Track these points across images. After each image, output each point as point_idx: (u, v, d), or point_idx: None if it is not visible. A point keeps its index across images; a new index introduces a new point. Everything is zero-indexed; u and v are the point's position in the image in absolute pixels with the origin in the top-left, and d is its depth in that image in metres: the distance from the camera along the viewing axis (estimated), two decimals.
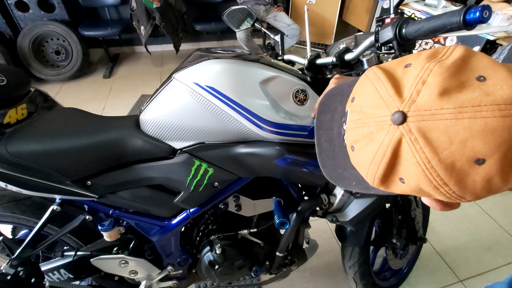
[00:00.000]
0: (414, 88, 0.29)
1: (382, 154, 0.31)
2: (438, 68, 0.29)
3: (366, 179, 0.35)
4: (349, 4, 3.58)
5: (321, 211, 0.88)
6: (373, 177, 0.33)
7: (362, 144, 0.33)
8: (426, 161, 0.28)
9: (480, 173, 0.27)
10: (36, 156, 0.65)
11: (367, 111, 0.33)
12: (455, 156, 0.27)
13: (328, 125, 0.46)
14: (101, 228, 0.76)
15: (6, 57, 2.63)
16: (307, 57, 0.72)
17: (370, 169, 0.33)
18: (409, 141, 0.28)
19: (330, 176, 0.44)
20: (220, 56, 0.64)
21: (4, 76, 0.70)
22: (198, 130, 0.65)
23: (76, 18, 3.03)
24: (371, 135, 0.32)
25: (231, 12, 0.97)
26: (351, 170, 0.40)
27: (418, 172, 0.29)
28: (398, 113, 0.29)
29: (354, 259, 1.04)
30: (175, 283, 0.96)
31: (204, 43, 3.96)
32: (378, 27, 0.56)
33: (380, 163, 0.31)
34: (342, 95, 0.45)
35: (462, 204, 1.73)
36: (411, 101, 0.29)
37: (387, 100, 0.31)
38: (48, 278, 0.87)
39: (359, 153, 0.35)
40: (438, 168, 0.27)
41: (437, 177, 0.28)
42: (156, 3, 2.61)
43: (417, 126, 0.28)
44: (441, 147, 0.27)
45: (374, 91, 0.33)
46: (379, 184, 0.33)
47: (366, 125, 0.33)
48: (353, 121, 0.35)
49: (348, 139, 0.37)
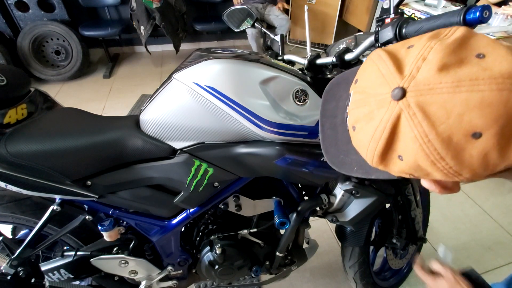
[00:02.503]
0: (415, 65, 0.30)
1: (382, 131, 0.31)
2: (438, 45, 0.29)
3: (366, 158, 0.36)
4: (349, 4, 3.58)
5: (321, 211, 0.88)
6: (372, 155, 0.34)
7: (363, 123, 0.34)
8: (424, 135, 0.28)
9: (477, 148, 0.27)
10: (36, 156, 0.65)
11: (369, 91, 0.34)
12: (452, 129, 0.27)
13: (332, 112, 0.47)
14: (101, 228, 0.76)
15: (6, 57, 2.62)
16: (307, 57, 0.72)
17: (370, 146, 0.33)
18: (408, 116, 0.29)
19: (333, 162, 0.45)
20: (220, 56, 0.64)
21: (4, 76, 0.70)
22: (198, 130, 0.65)
23: (76, 18, 3.03)
24: (372, 113, 0.33)
25: (231, 12, 0.97)
26: (353, 156, 0.41)
27: (415, 147, 0.29)
28: (398, 89, 0.30)
29: (354, 259, 1.04)
30: (175, 283, 0.96)
31: (204, 43, 3.96)
32: (378, 27, 0.56)
33: (379, 139, 0.32)
34: (347, 82, 0.46)
35: (462, 204, 1.73)
36: (411, 77, 0.30)
37: (388, 78, 0.32)
38: (48, 278, 0.87)
39: (360, 132, 0.35)
40: (435, 142, 0.28)
41: (434, 151, 0.28)
42: (156, 3, 2.61)
43: (415, 101, 0.29)
44: (439, 121, 0.27)
45: (376, 70, 0.34)
46: (378, 162, 0.34)
47: (367, 104, 0.34)
48: (355, 102, 0.36)
49: (350, 120, 0.38)
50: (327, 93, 0.50)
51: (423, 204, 1.19)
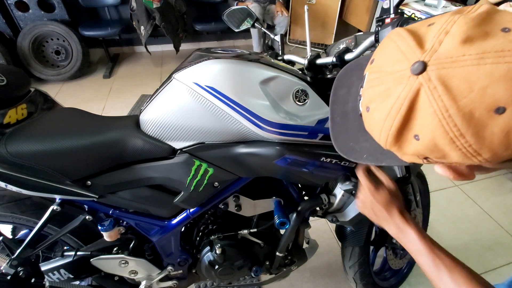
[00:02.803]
0: (437, 39, 0.29)
1: (398, 107, 0.30)
2: (462, 19, 0.28)
3: (379, 140, 0.34)
4: (349, 4, 3.58)
5: (321, 211, 0.88)
6: (386, 135, 0.32)
7: (378, 102, 0.33)
8: (444, 110, 0.27)
9: (499, 124, 0.26)
10: (36, 156, 0.65)
11: (386, 69, 0.33)
12: (474, 104, 0.26)
13: (343, 99, 0.46)
14: (101, 228, 0.76)
15: (6, 57, 2.62)
16: (307, 57, 0.72)
17: (385, 125, 0.32)
18: (428, 90, 0.28)
19: (341, 149, 0.44)
20: (220, 56, 0.64)
21: (4, 76, 0.70)
22: (198, 130, 0.65)
23: (76, 18, 3.03)
24: (388, 91, 0.31)
25: (231, 12, 0.97)
26: (363, 143, 0.41)
27: (434, 123, 0.28)
28: (418, 63, 0.28)
29: (354, 259, 1.04)
30: (175, 283, 0.96)
31: (204, 43, 3.96)
32: (378, 27, 0.56)
33: (395, 117, 0.30)
34: (360, 68, 0.44)
35: (462, 204, 1.73)
36: (433, 51, 0.28)
37: (408, 53, 0.30)
38: (48, 278, 0.87)
39: (374, 112, 0.34)
40: (455, 117, 0.27)
41: (454, 127, 0.27)
42: (156, 3, 2.61)
43: (437, 74, 0.27)
44: (461, 94, 0.26)
45: (395, 48, 0.32)
46: (392, 143, 0.32)
47: (383, 83, 0.32)
48: (370, 81, 0.35)
49: (363, 101, 0.36)
50: (338, 80, 0.49)
51: (423, 204, 1.19)
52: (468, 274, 0.48)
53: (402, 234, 0.55)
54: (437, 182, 1.90)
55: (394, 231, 0.56)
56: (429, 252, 0.51)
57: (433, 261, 0.50)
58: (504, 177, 1.97)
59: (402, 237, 0.55)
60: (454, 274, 0.48)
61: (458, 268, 0.49)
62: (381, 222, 0.58)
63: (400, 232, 0.55)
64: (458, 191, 1.84)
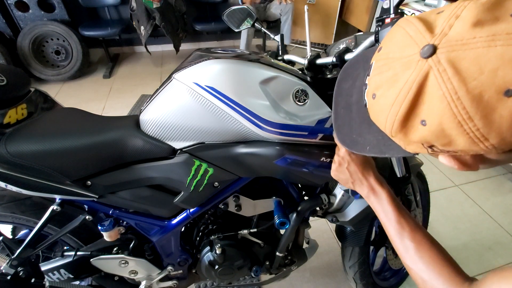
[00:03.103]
0: (447, 23, 0.29)
1: (406, 92, 0.30)
2: (472, 4, 0.28)
3: (385, 127, 0.34)
4: (349, 4, 3.58)
5: (321, 211, 0.88)
6: (392, 122, 0.32)
7: (385, 88, 0.33)
8: (453, 92, 0.27)
9: (509, 107, 0.26)
10: (36, 156, 0.65)
11: (394, 55, 0.32)
12: (483, 86, 0.26)
13: (348, 92, 0.46)
14: (101, 228, 0.76)
15: (6, 57, 2.62)
16: (307, 57, 0.72)
17: (391, 111, 0.32)
18: (437, 72, 0.28)
19: (344, 141, 0.44)
20: (220, 56, 0.64)
21: (4, 76, 0.70)
22: (198, 130, 0.65)
23: (76, 18, 3.03)
24: (396, 76, 0.31)
25: (231, 12, 0.97)
26: (367, 135, 0.41)
27: (442, 107, 0.28)
28: (428, 46, 0.28)
29: (354, 259, 1.04)
30: (175, 283, 0.96)
31: (204, 43, 3.96)
32: (378, 27, 0.56)
33: (403, 101, 0.30)
34: (366, 61, 0.44)
35: (462, 204, 1.73)
36: (443, 35, 0.28)
37: (417, 38, 0.30)
38: (48, 278, 0.87)
39: (381, 98, 0.34)
40: (464, 99, 0.26)
41: (462, 110, 0.27)
42: (156, 3, 2.61)
43: (446, 56, 0.27)
44: (470, 77, 0.26)
45: (403, 34, 0.32)
46: (398, 129, 0.32)
47: (391, 68, 0.32)
48: (377, 68, 0.35)
49: (369, 88, 0.36)
50: (344, 72, 0.48)
51: (423, 204, 1.19)
52: (428, 236, 0.51)
53: (375, 195, 0.56)
54: (437, 182, 1.90)
55: (366, 191, 0.57)
56: (396, 214, 0.53)
57: (399, 223, 0.52)
58: (504, 177, 1.97)
59: (374, 198, 0.56)
60: (416, 234, 0.51)
61: (420, 230, 0.51)
62: (355, 182, 0.58)
63: (373, 193, 0.56)
64: (458, 191, 1.84)
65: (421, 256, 0.48)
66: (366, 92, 0.38)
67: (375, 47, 0.47)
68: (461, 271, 0.46)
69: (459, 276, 0.45)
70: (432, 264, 0.47)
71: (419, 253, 0.49)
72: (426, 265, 0.47)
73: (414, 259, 0.49)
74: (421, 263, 0.48)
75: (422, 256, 0.48)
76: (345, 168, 0.58)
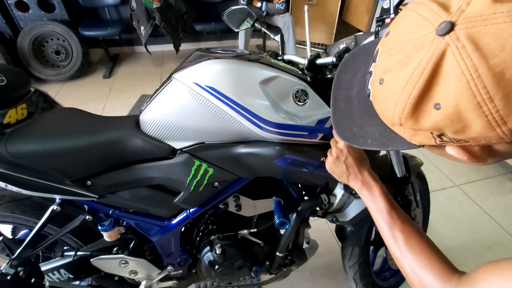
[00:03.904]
0: (463, 1, 0.27)
1: (420, 72, 0.28)
2: None
3: (394, 114, 0.32)
4: (349, 4, 3.58)
5: (321, 211, 0.88)
6: (403, 106, 0.30)
7: (395, 71, 0.31)
8: (473, 70, 0.25)
9: None
10: (36, 156, 0.65)
11: (404, 38, 0.31)
12: (505, 63, 0.25)
13: (348, 84, 0.45)
14: (101, 228, 0.76)
15: (6, 57, 2.62)
16: (307, 57, 0.72)
17: (402, 94, 0.30)
18: (455, 50, 0.26)
19: (343, 135, 0.43)
20: (220, 56, 0.64)
21: (4, 76, 0.70)
22: (198, 130, 0.65)
23: (76, 18, 3.03)
24: (408, 58, 0.30)
25: (231, 12, 0.97)
26: (368, 128, 0.40)
27: (461, 86, 0.26)
28: (446, 22, 0.27)
29: (354, 259, 1.04)
30: (175, 283, 0.96)
31: (204, 43, 3.96)
32: (378, 27, 0.56)
33: (417, 82, 0.29)
34: (367, 53, 0.44)
35: (462, 204, 1.73)
36: (460, 11, 0.27)
37: (431, 18, 0.29)
38: (48, 278, 0.87)
39: (390, 82, 0.32)
40: (485, 77, 0.25)
41: (482, 89, 0.25)
42: (156, 3, 2.61)
43: (465, 32, 0.26)
44: (491, 53, 0.25)
45: (415, 16, 0.31)
46: (409, 114, 0.31)
47: (401, 51, 0.31)
48: (386, 51, 0.33)
49: (376, 74, 0.35)
50: (343, 65, 0.48)
51: (423, 204, 1.19)
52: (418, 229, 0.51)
53: (368, 189, 0.57)
54: (437, 182, 1.90)
55: (360, 185, 0.58)
56: (387, 207, 0.54)
57: (390, 215, 0.53)
58: (504, 177, 1.97)
59: (367, 192, 0.57)
60: (406, 226, 0.51)
61: (410, 223, 0.52)
62: (349, 176, 0.59)
63: (366, 187, 0.57)
64: (458, 191, 1.84)
65: (411, 247, 0.49)
66: (370, 80, 0.36)
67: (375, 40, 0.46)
68: (450, 264, 0.46)
69: (448, 268, 0.45)
70: (421, 255, 0.47)
71: (408, 245, 0.49)
72: (415, 256, 0.48)
73: (403, 250, 0.49)
74: (410, 254, 0.48)
75: (412, 248, 0.49)
76: (343, 161, 0.58)
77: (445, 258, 0.47)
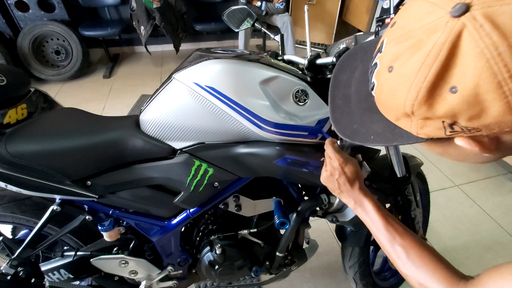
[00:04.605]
0: None
1: (436, 54, 0.28)
2: None
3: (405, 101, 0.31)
4: (349, 4, 3.58)
5: (321, 211, 0.88)
6: (417, 91, 0.30)
7: (406, 57, 0.31)
8: (493, 48, 0.25)
9: None
10: (36, 156, 0.65)
11: (413, 26, 0.31)
12: None
13: (345, 83, 0.45)
14: (101, 228, 0.76)
15: (6, 57, 2.62)
16: (307, 57, 0.72)
17: (416, 79, 0.29)
18: (473, 29, 0.26)
19: (344, 132, 0.43)
20: (220, 56, 0.64)
21: (4, 76, 0.70)
22: (198, 130, 0.65)
23: (76, 18, 3.03)
24: (420, 43, 0.29)
25: (231, 12, 0.97)
26: (370, 125, 0.39)
27: (480, 66, 0.26)
28: (460, 4, 0.27)
29: (354, 259, 1.04)
30: (175, 283, 0.96)
31: (204, 43, 3.96)
32: (378, 27, 0.56)
33: (432, 64, 0.28)
34: (364, 52, 0.44)
35: (462, 204, 1.73)
36: None
37: (441, 3, 0.28)
38: (48, 278, 0.87)
39: (401, 68, 0.31)
40: (506, 55, 0.25)
41: (503, 68, 0.25)
42: (156, 3, 2.61)
43: (482, 12, 0.26)
44: (510, 32, 0.25)
45: (422, 3, 0.31)
46: (424, 100, 0.30)
47: (412, 36, 0.30)
48: (394, 39, 0.32)
49: (382, 64, 0.34)
50: (340, 64, 0.47)
51: (423, 204, 1.19)
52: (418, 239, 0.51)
53: (361, 207, 0.56)
54: (437, 182, 1.90)
55: (353, 203, 0.57)
56: (384, 223, 0.53)
57: (388, 230, 0.52)
58: (504, 177, 1.97)
59: (361, 210, 0.56)
60: (405, 239, 0.51)
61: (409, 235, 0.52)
62: (342, 194, 0.59)
63: (359, 205, 0.57)
64: (458, 191, 1.84)
65: (413, 260, 0.49)
66: (375, 72, 0.35)
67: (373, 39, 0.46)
68: (455, 270, 0.46)
69: (453, 276, 0.45)
70: (425, 267, 0.47)
71: (410, 258, 0.49)
72: (419, 269, 0.48)
73: (407, 264, 0.49)
74: (414, 268, 0.48)
75: (414, 261, 0.49)
76: (335, 179, 0.58)
77: (449, 265, 0.47)
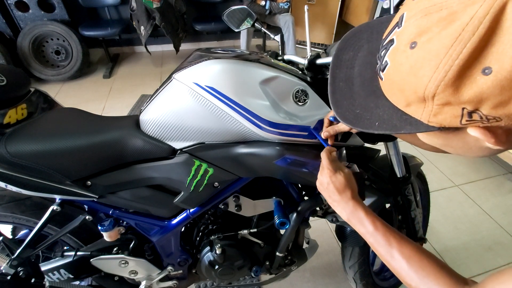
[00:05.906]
0: None
1: (474, 29, 0.25)
2: None
3: (429, 81, 0.28)
4: (349, 4, 3.58)
5: (321, 211, 0.88)
6: (447, 70, 0.26)
7: (435, 31, 0.27)
8: None
9: None
10: (36, 156, 0.65)
11: None
12: None
13: (348, 63, 0.42)
14: (101, 228, 0.76)
15: (6, 57, 2.62)
16: (307, 57, 0.72)
17: (448, 55, 0.26)
18: None
19: (344, 117, 0.39)
20: (220, 56, 0.64)
21: (4, 76, 0.70)
22: (198, 130, 0.65)
23: (76, 18, 3.03)
24: (453, 15, 0.26)
25: (231, 12, 0.97)
26: (375, 110, 0.36)
27: None
28: None
29: (354, 259, 1.04)
30: (175, 283, 0.96)
31: (204, 43, 3.96)
32: None
33: (469, 41, 0.25)
34: (371, 31, 0.41)
35: (462, 204, 1.73)
36: None
37: None
38: (48, 278, 0.87)
39: (429, 43, 0.28)
40: None
41: None
42: (156, 3, 2.61)
43: None
44: None
45: None
46: (451, 82, 0.27)
47: (443, 8, 0.27)
48: (420, 12, 0.29)
49: (402, 40, 0.30)
50: (344, 42, 0.44)
51: (423, 204, 1.19)
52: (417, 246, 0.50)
53: (353, 216, 0.55)
54: (437, 182, 1.90)
55: (345, 214, 0.56)
56: (380, 233, 0.52)
57: (385, 240, 0.51)
58: (504, 177, 1.97)
59: (353, 219, 0.56)
60: (403, 248, 0.50)
61: (407, 243, 0.51)
62: (333, 203, 0.58)
63: (352, 215, 0.56)
64: (458, 191, 1.84)
65: (415, 270, 0.48)
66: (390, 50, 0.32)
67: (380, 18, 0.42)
68: (457, 275, 0.46)
69: (456, 281, 0.44)
70: (427, 276, 0.47)
71: (412, 268, 0.48)
72: (421, 278, 0.47)
73: (409, 274, 0.48)
74: (416, 277, 0.47)
75: (416, 270, 0.48)
76: (326, 188, 0.57)
77: (451, 271, 0.47)
